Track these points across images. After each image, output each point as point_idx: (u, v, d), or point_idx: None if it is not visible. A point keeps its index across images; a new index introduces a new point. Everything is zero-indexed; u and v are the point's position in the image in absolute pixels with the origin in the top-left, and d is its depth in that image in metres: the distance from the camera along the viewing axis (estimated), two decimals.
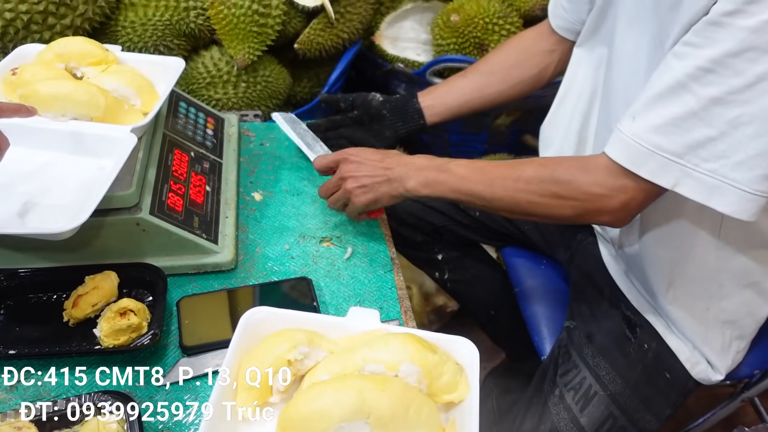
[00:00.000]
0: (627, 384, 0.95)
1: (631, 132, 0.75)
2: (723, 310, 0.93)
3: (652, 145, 0.73)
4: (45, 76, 0.92)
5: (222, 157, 1.10)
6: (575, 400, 0.95)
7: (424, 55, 1.75)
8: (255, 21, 1.31)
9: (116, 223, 0.86)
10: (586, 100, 1.03)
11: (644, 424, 0.95)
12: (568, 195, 0.80)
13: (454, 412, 0.67)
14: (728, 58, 0.67)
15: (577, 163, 0.81)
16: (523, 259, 1.25)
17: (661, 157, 0.72)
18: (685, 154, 0.71)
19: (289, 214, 1.05)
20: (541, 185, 0.81)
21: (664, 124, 0.72)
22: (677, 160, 0.72)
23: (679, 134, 0.71)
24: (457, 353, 0.69)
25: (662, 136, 0.72)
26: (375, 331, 0.70)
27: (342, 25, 1.46)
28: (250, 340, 0.69)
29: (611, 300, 1.02)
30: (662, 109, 0.72)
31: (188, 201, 0.95)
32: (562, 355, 1.01)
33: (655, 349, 0.96)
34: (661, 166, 0.73)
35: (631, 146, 0.74)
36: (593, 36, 1.02)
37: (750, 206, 0.71)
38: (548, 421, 0.96)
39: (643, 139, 0.73)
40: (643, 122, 0.74)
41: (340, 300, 0.92)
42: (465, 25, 1.58)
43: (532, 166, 0.83)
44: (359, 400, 0.61)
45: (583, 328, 1.01)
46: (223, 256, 0.93)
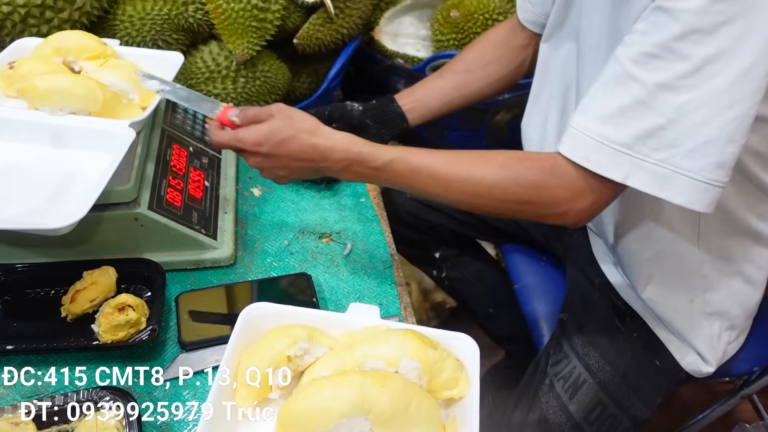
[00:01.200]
0: (616, 372, 0.95)
1: (579, 125, 0.72)
2: (708, 302, 0.92)
3: (600, 137, 0.70)
4: (43, 70, 0.92)
5: (221, 153, 1.09)
6: (564, 388, 0.95)
7: (424, 51, 1.75)
8: (254, 16, 1.31)
9: (114, 218, 0.86)
10: (560, 97, 1.01)
11: (635, 411, 0.95)
12: (533, 200, 0.76)
13: (455, 408, 0.67)
14: (673, 42, 0.65)
15: (542, 164, 0.76)
16: (523, 255, 1.25)
17: (609, 148, 0.69)
18: (633, 144, 0.68)
19: (289, 210, 1.05)
20: (504, 192, 0.76)
21: (610, 114, 0.69)
22: (626, 150, 0.69)
23: (626, 123, 0.68)
24: (458, 350, 0.69)
25: (609, 126, 0.69)
26: (375, 327, 0.70)
27: (341, 21, 1.46)
28: (250, 335, 0.69)
29: (602, 290, 1.02)
30: (608, 99, 0.70)
31: (187, 196, 0.94)
32: (554, 346, 1.01)
33: (645, 337, 0.96)
34: (609, 158, 0.70)
35: (580, 138, 0.72)
36: (558, 30, 0.99)
37: (705, 196, 0.68)
38: (537, 410, 0.95)
39: (590, 131, 0.70)
40: (590, 113, 0.71)
41: (339, 296, 0.91)
42: (465, 20, 1.57)
43: (492, 167, 0.77)
44: (359, 396, 0.60)
45: (574, 318, 1.01)
46: (222, 252, 0.92)
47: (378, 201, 1.10)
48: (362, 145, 0.80)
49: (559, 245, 1.17)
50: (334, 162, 0.80)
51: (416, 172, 0.79)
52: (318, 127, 0.81)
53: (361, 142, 0.80)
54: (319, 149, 0.79)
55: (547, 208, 0.76)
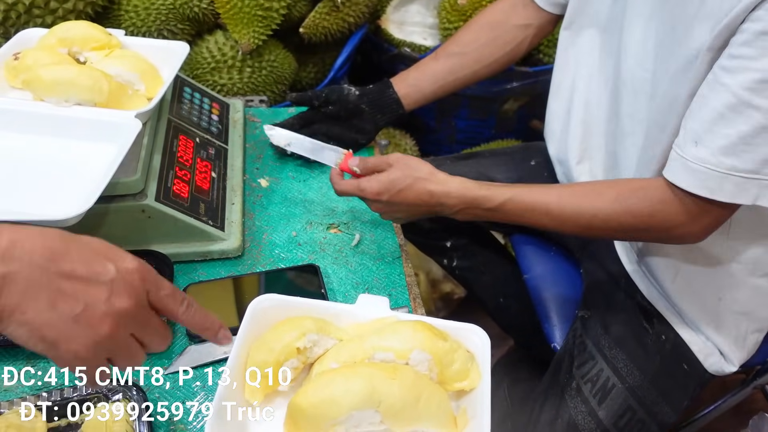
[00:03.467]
0: (645, 376, 0.94)
1: (698, 158, 0.74)
2: (736, 301, 0.91)
3: (726, 168, 0.72)
4: (47, 61, 0.91)
5: (227, 143, 1.08)
6: (593, 392, 0.94)
7: (431, 39, 1.73)
8: (260, 5, 1.30)
9: (121, 210, 0.85)
10: (585, 89, 1.00)
11: (663, 416, 0.94)
12: (650, 228, 0.80)
13: (465, 400, 0.67)
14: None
15: (656, 195, 0.79)
16: (533, 245, 1.24)
17: (737, 177, 0.72)
18: (761, 169, 0.71)
19: (296, 201, 1.04)
20: (619, 224, 0.81)
21: (732, 144, 0.71)
22: (754, 176, 0.71)
23: (750, 151, 0.70)
24: (468, 341, 0.68)
25: (734, 157, 0.71)
26: (385, 319, 0.69)
27: (348, 9, 1.44)
28: (258, 327, 0.68)
29: (627, 290, 1.01)
30: (727, 129, 0.71)
31: (194, 187, 0.94)
32: (578, 345, 0.99)
33: (673, 340, 0.95)
34: (737, 186, 0.72)
35: (702, 173, 0.73)
36: (580, 17, 0.98)
37: None
38: (566, 414, 0.94)
39: (712, 164, 0.72)
40: (709, 146, 0.73)
41: (348, 287, 0.91)
42: (472, 8, 1.56)
43: (605, 201, 0.81)
44: (369, 388, 0.60)
45: (598, 318, 1.00)
46: (229, 243, 0.92)
47: None
48: (476, 190, 0.85)
49: (574, 239, 1.16)
50: (450, 207, 0.86)
51: (530, 210, 0.84)
52: (434, 174, 0.86)
53: (474, 186, 0.85)
54: (435, 196, 0.85)
55: (664, 233, 0.81)
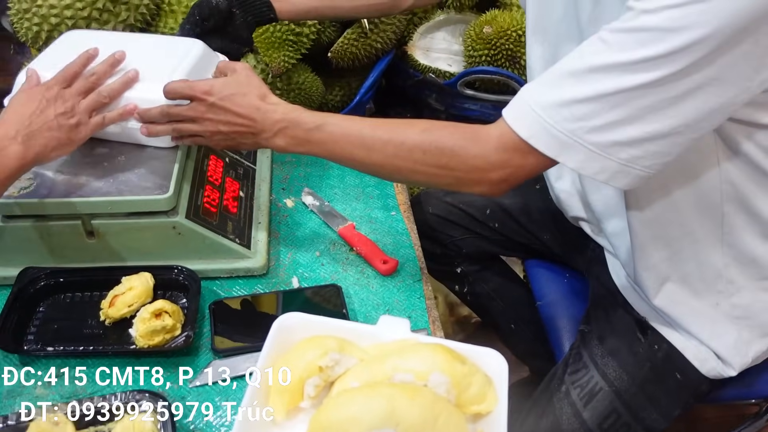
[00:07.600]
0: (633, 381, 0.94)
1: (537, 103, 0.73)
2: (736, 306, 0.90)
3: (554, 121, 0.70)
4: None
5: (255, 164, 1.11)
6: (580, 396, 0.95)
7: (456, 66, 1.76)
8: (291, 30, 1.33)
9: (153, 226, 0.88)
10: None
11: (650, 422, 0.94)
12: (450, 165, 0.78)
13: (482, 423, 0.68)
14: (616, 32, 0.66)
15: (467, 133, 0.78)
16: (546, 270, 1.24)
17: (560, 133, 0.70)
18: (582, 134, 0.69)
19: (320, 221, 1.07)
20: (424, 154, 0.79)
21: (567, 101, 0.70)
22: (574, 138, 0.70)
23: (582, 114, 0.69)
24: (486, 365, 0.70)
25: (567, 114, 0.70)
26: (405, 340, 0.71)
27: (375, 36, 1.48)
28: (282, 345, 0.71)
29: (624, 305, 1.01)
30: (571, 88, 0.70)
31: (222, 206, 0.97)
32: (574, 356, 1.00)
33: (666, 349, 0.95)
34: (555, 139, 0.71)
35: (533, 116, 0.72)
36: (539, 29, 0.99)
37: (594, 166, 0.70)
38: (551, 415, 0.95)
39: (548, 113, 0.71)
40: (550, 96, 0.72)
41: (368, 308, 0.92)
42: (497, 37, 1.58)
43: (415, 130, 0.80)
44: (389, 408, 0.61)
45: (597, 331, 1.01)
46: (255, 261, 0.94)
47: (408, 215, 1.11)
48: (301, 110, 0.86)
49: (580, 259, 1.17)
50: (272, 123, 0.85)
51: (347, 135, 0.83)
52: (267, 96, 0.87)
53: (300, 108, 0.86)
54: (261, 109, 0.85)
55: (464, 176, 0.78)
